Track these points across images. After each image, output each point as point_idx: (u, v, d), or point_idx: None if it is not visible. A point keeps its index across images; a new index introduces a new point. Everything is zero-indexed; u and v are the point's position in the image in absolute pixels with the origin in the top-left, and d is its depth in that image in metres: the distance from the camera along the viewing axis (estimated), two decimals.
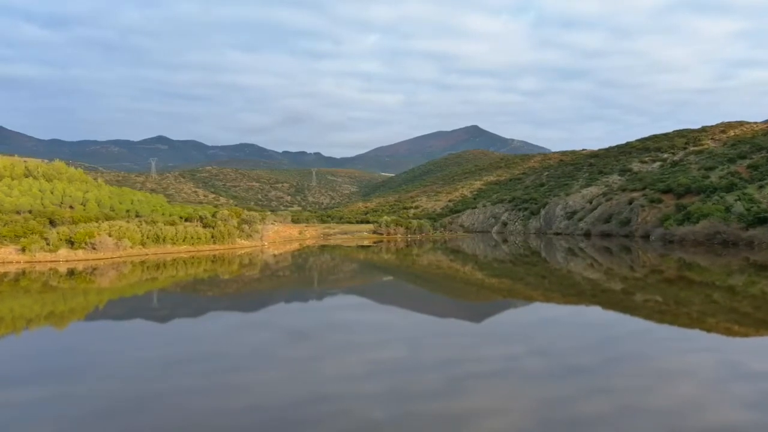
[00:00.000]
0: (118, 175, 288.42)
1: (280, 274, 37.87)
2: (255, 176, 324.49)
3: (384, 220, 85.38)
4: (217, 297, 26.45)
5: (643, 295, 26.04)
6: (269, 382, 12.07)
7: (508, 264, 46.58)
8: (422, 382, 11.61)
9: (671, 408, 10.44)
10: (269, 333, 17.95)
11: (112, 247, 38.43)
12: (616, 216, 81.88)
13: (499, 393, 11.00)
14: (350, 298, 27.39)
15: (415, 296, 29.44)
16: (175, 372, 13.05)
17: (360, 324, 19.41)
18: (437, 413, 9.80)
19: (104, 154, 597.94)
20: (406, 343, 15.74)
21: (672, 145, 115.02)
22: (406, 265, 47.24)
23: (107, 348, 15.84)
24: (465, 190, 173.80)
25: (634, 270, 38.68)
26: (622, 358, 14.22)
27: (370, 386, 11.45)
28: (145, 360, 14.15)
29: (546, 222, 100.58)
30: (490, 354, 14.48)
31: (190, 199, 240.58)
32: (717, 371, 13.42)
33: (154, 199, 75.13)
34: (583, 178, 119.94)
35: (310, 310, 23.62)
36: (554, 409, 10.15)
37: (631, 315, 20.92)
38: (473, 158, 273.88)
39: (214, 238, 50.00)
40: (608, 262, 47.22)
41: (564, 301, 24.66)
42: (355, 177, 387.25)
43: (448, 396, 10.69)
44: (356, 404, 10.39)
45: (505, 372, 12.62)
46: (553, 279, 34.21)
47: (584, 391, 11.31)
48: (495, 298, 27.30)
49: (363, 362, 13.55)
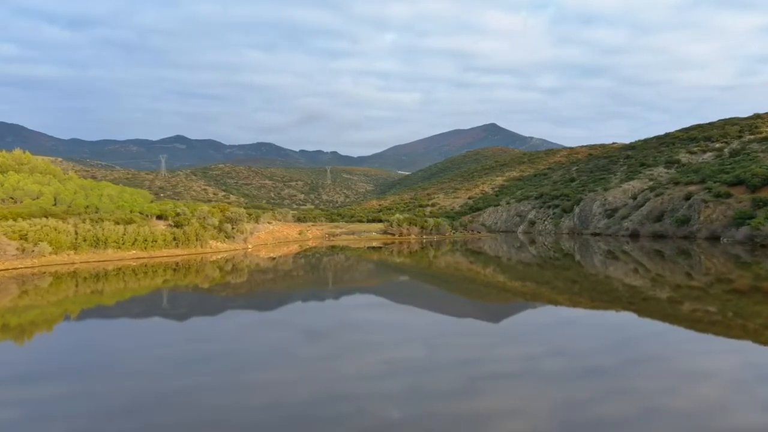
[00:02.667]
0: (128, 172, 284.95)
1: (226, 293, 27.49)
2: (268, 174, 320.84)
3: (396, 219, 74.16)
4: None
5: (692, 304, 22.81)
6: (286, 380, 11.69)
7: (535, 267, 41.81)
8: (440, 382, 11.47)
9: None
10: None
11: (16, 253, 28.12)
12: (669, 214, 69.48)
13: (519, 394, 10.73)
14: (366, 298, 26.40)
15: (433, 297, 27.82)
16: (192, 370, 12.55)
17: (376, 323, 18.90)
18: (455, 413, 9.65)
19: (123, 153, 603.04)
20: (424, 343, 15.46)
21: (724, 134, 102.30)
22: (422, 267, 40.26)
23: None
24: (486, 187, 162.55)
25: (693, 277, 32.82)
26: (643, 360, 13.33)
27: (388, 385, 11.31)
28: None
29: (581, 221, 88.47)
30: (508, 354, 14.19)
31: (199, 197, 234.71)
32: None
33: (129, 195, 65.06)
34: (621, 171, 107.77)
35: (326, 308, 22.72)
36: (574, 410, 9.85)
37: (665, 322, 18.69)
38: (492, 155, 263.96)
39: (177, 240, 39.49)
40: (658, 267, 39.07)
41: (592, 306, 23.05)
42: (371, 175, 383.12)
43: (466, 396, 10.56)
44: (374, 403, 10.29)
45: (524, 373, 12.24)
46: (585, 284, 31.01)
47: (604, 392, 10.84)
48: (515, 300, 25.80)
49: (380, 362, 13.25)
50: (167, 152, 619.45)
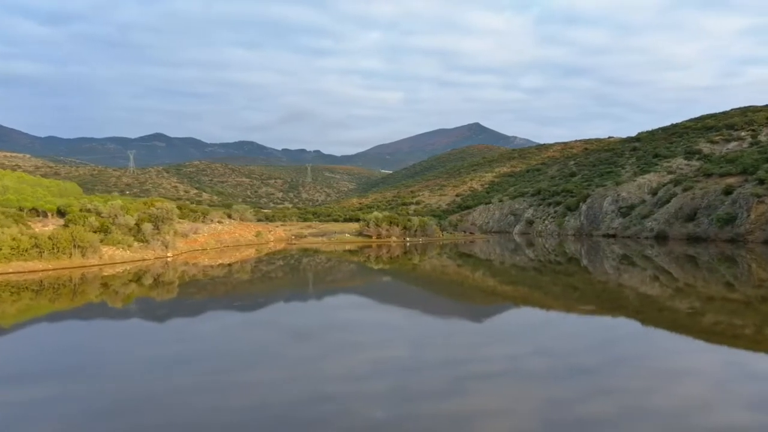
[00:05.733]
0: (94, 168, 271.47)
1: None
2: (246, 171, 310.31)
3: (373, 217, 61.30)
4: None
5: (716, 316, 19.25)
6: (272, 381, 11.52)
7: (531, 272, 37.40)
8: (425, 382, 11.34)
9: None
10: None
11: None
12: (705, 211, 57.59)
13: (503, 393, 10.74)
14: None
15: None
16: (177, 371, 12.17)
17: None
18: (440, 413, 9.58)
19: (100, 151, 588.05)
20: (409, 343, 15.31)
21: (749, 121, 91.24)
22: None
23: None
24: (474, 183, 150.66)
25: (735, 289, 27.01)
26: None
27: (373, 386, 11.21)
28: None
29: (589, 220, 76.44)
30: (493, 354, 14.06)
31: (168, 195, 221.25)
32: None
33: (30, 187, 51.54)
34: (630, 164, 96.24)
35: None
36: (559, 409, 9.76)
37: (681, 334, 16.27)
38: (479, 153, 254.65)
39: (40, 248, 26.39)
40: (688, 276, 32.78)
41: (586, 311, 20.76)
42: (354, 174, 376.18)
43: (451, 396, 10.52)
44: (359, 404, 10.20)
45: (508, 372, 12.26)
46: (588, 291, 27.18)
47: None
48: (502, 303, 24.02)
49: (365, 362, 13.09)
50: (146, 150, 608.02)
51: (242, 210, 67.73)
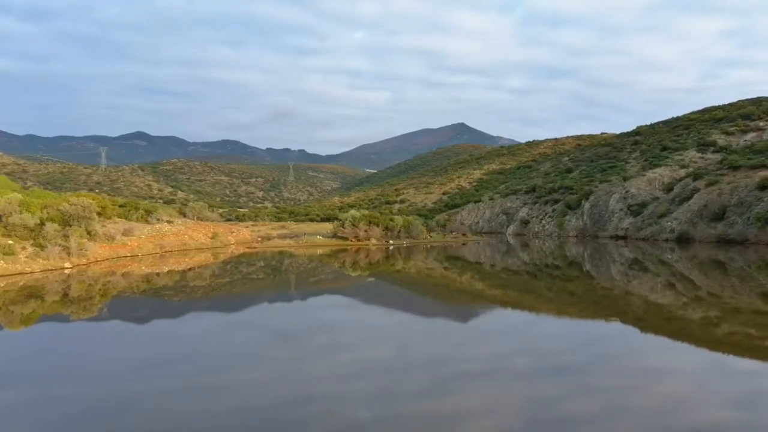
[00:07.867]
0: (64, 166, 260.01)
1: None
2: (226, 170, 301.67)
3: (350, 216, 52.54)
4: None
5: (731, 326, 16.69)
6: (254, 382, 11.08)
7: (524, 276, 33.22)
8: (409, 382, 11.08)
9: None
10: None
11: None
12: (736, 209, 49.49)
13: (488, 393, 10.46)
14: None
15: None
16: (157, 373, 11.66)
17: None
18: (424, 413, 9.38)
19: (79, 150, 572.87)
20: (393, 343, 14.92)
21: (766, 110, 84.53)
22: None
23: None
24: (462, 181, 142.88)
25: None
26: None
27: (357, 386, 10.90)
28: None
29: (594, 219, 68.35)
30: (478, 353, 13.65)
31: (141, 193, 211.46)
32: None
33: None
34: (635, 158, 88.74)
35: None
36: (543, 408, 9.54)
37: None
38: (465, 152, 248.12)
39: None
40: (714, 284, 27.75)
41: (579, 315, 19.51)
42: (338, 173, 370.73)
43: (435, 396, 10.29)
44: (342, 405, 9.93)
45: (493, 371, 11.90)
46: (586, 297, 24.01)
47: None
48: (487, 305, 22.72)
49: (349, 362, 12.61)
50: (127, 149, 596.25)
51: (199, 208, 58.52)
